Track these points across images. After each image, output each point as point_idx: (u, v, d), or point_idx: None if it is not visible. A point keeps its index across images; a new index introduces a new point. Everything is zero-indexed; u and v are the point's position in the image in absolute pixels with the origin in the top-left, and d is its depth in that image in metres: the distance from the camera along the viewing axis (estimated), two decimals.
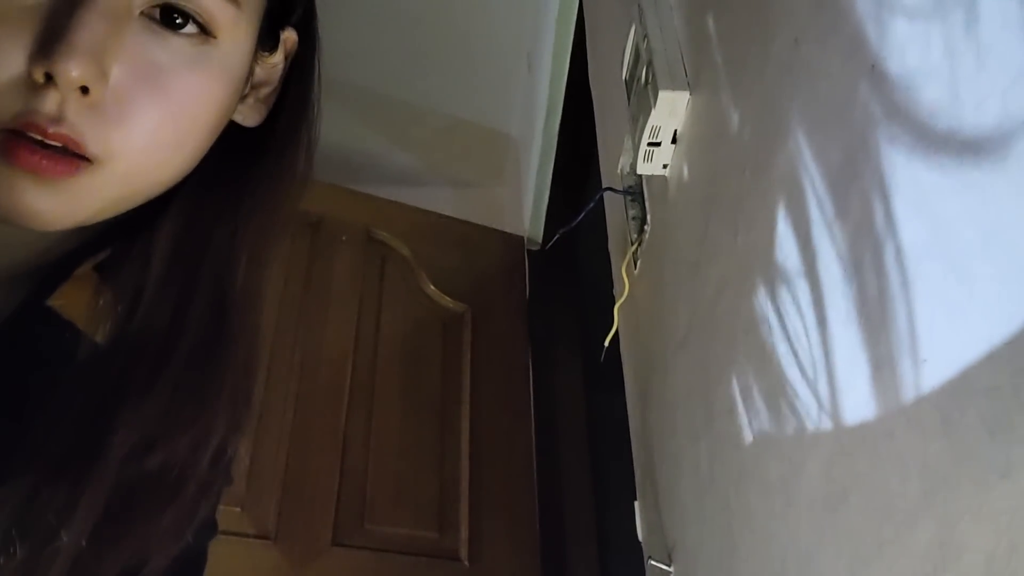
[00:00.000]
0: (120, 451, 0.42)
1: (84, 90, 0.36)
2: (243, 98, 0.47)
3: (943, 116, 0.46)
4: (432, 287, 2.10)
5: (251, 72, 0.46)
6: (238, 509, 1.61)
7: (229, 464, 0.50)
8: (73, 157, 0.38)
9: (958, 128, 0.44)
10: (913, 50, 0.49)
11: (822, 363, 0.59)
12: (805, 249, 0.62)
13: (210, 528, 0.52)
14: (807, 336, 0.61)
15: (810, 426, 0.60)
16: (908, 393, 0.48)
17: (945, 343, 0.45)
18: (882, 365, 0.51)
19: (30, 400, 0.43)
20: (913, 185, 0.48)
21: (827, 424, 0.58)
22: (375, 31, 2.28)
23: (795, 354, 0.63)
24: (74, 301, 0.46)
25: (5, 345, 0.45)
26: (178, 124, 0.40)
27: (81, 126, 0.37)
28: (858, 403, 0.54)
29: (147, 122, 0.39)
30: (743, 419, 0.72)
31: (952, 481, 0.44)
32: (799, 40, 0.64)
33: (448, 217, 2.27)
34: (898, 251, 0.50)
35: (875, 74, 0.52)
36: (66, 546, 0.41)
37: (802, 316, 0.62)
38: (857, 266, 0.54)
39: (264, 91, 0.48)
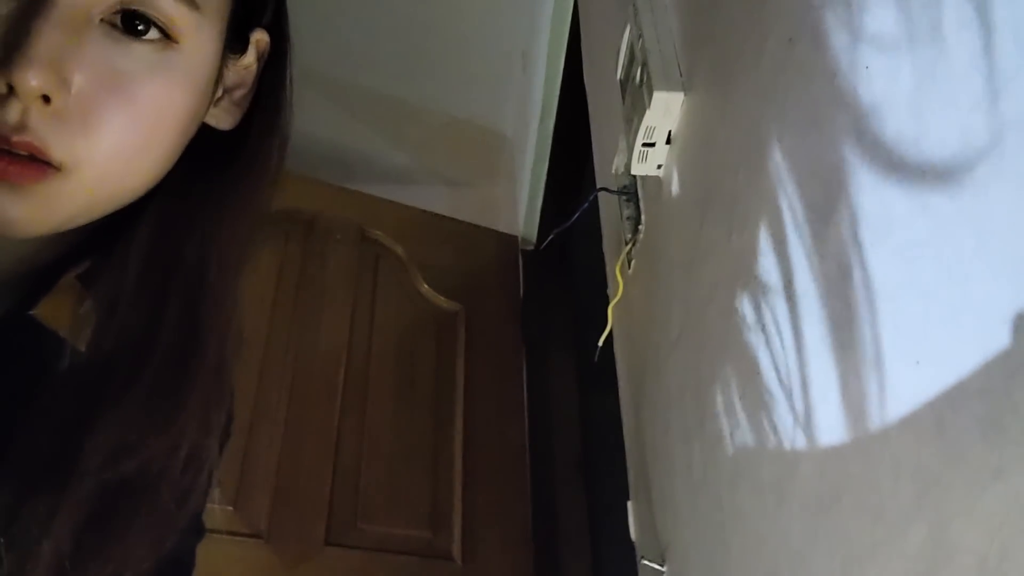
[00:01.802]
0: (97, 457, 0.42)
1: (46, 99, 0.37)
2: (216, 101, 0.47)
3: (939, 115, 0.46)
4: (426, 286, 2.10)
5: (221, 75, 0.46)
6: (230, 508, 1.61)
7: (212, 471, 0.50)
8: (40, 164, 0.38)
9: (953, 130, 0.44)
10: (908, 51, 0.49)
11: (816, 364, 0.59)
12: (799, 249, 0.62)
13: (196, 532, 0.52)
14: (801, 337, 0.61)
15: (803, 427, 0.60)
16: (902, 395, 0.48)
17: (939, 345, 0.45)
18: (877, 367, 0.51)
19: (13, 410, 0.43)
20: (908, 185, 0.48)
21: (820, 425, 0.58)
22: (370, 29, 2.28)
23: (788, 355, 0.63)
24: (58, 312, 0.46)
25: None
26: (144, 129, 0.40)
27: (45, 134, 0.37)
28: (852, 404, 0.54)
29: (113, 128, 0.39)
30: (736, 419, 0.72)
31: (945, 483, 0.44)
32: (793, 40, 0.64)
33: (442, 216, 2.27)
34: (893, 251, 0.50)
35: (869, 74, 0.53)
36: (49, 554, 0.41)
37: (795, 317, 0.62)
38: (851, 267, 0.54)
39: (238, 94, 0.48)
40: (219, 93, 0.47)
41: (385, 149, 2.55)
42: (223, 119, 0.48)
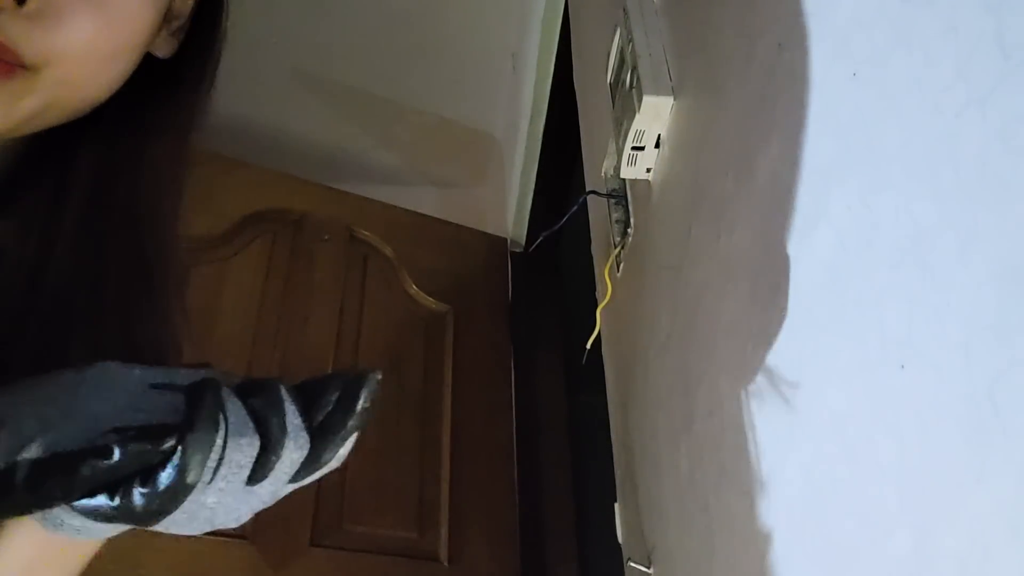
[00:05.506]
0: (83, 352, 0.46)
1: (20, 2, 0.39)
2: (158, 30, 0.49)
3: (925, 122, 0.46)
4: (414, 287, 2.10)
5: (170, 3, 0.49)
6: None
7: None
8: (9, 64, 0.40)
9: (939, 138, 0.45)
10: (895, 58, 0.49)
11: (802, 368, 0.59)
12: (786, 253, 0.62)
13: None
14: (787, 340, 0.62)
15: (790, 430, 0.61)
16: (887, 399, 0.48)
17: (924, 350, 0.45)
18: (862, 371, 0.51)
19: None
20: (894, 191, 0.49)
21: (807, 429, 0.58)
22: (361, 29, 2.27)
23: (775, 358, 0.63)
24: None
25: None
26: (113, 35, 0.43)
27: (16, 35, 0.39)
28: (838, 408, 0.54)
29: (84, 29, 0.41)
30: (723, 422, 0.72)
31: (928, 487, 0.44)
32: (782, 45, 0.64)
33: (431, 217, 2.27)
34: (878, 256, 0.50)
35: (857, 80, 0.53)
36: None
37: (782, 320, 0.62)
38: (838, 271, 0.55)
39: (176, 24, 0.51)
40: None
41: (374, 149, 2.55)
42: (162, 47, 0.51)
